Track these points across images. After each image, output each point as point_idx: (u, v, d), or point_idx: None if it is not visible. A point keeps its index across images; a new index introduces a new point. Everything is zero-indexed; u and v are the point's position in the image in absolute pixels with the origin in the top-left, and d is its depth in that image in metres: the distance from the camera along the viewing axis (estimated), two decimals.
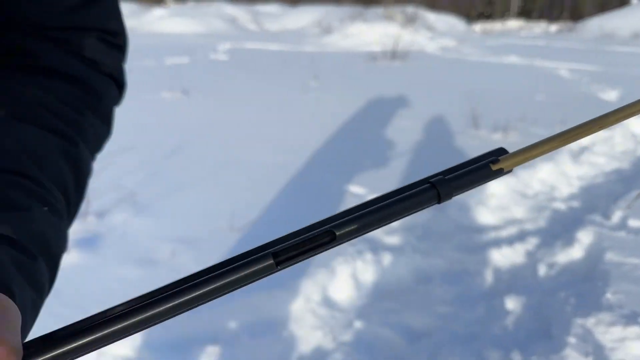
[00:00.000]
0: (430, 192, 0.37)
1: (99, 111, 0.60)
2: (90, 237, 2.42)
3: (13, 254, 0.42)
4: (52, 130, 0.53)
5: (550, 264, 2.50)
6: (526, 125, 4.47)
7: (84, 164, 0.56)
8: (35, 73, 0.55)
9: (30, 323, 0.45)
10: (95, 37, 0.59)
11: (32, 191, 0.47)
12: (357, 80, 6.42)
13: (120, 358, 1.71)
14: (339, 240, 0.36)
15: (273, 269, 0.34)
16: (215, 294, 0.34)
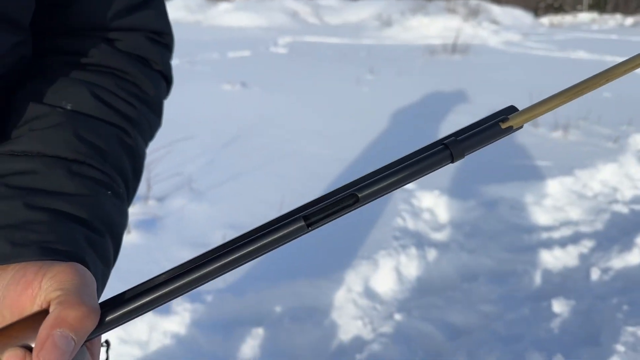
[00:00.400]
0: (443, 152, 0.40)
1: (151, 104, 0.65)
2: (150, 220, 2.58)
3: (86, 233, 0.50)
4: (111, 123, 0.59)
5: (604, 268, 2.41)
6: (588, 124, 4.28)
7: (140, 152, 0.63)
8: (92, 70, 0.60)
9: (100, 290, 0.53)
10: (144, 37, 0.65)
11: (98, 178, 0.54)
12: (414, 74, 6.35)
13: (171, 334, 1.83)
14: (361, 201, 0.39)
15: (305, 230, 0.38)
16: (256, 253, 0.39)
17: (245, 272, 2.20)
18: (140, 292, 0.38)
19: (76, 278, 0.39)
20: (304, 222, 0.38)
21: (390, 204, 2.87)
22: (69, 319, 0.36)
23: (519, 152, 3.77)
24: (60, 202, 0.50)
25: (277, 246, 0.39)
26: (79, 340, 0.36)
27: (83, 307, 0.37)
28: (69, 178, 0.52)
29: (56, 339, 0.35)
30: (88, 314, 0.37)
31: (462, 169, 3.47)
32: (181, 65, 6.31)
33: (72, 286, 0.38)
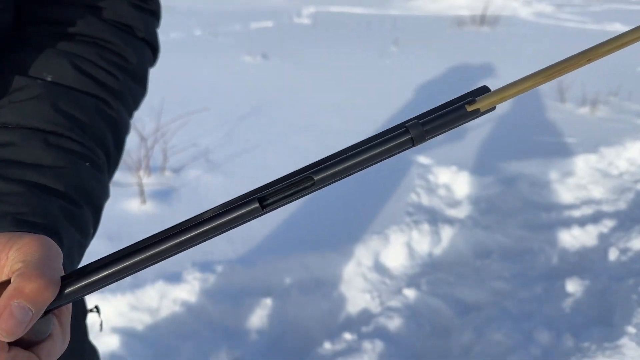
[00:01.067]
0: (404, 136, 0.38)
1: (134, 74, 0.64)
2: (166, 190, 2.62)
3: (61, 204, 0.50)
4: (92, 94, 0.59)
5: (623, 249, 2.35)
6: (619, 99, 4.11)
7: (122, 123, 0.62)
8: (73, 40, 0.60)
9: (77, 259, 0.54)
10: (128, 3, 0.64)
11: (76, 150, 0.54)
12: (440, 47, 6.19)
13: (181, 301, 1.87)
14: (318, 184, 0.38)
15: (259, 211, 0.38)
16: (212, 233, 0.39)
17: (255, 243, 2.22)
18: (101, 266, 0.39)
19: (40, 250, 0.40)
20: (259, 203, 0.38)
21: (405, 179, 2.84)
22: (26, 291, 0.37)
23: (543, 127, 3.66)
24: (36, 174, 0.50)
25: (232, 227, 0.39)
26: (37, 311, 0.37)
27: (41, 280, 0.37)
28: (46, 150, 0.52)
29: (13, 309, 0.36)
30: (46, 286, 0.38)
31: (482, 144, 3.40)
32: (203, 37, 6.30)
33: (35, 258, 0.39)
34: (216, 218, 0.39)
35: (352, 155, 0.38)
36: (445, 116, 0.38)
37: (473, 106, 0.38)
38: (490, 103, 0.38)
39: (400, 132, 0.38)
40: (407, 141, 0.38)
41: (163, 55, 3.61)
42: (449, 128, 0.38)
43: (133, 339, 1.70)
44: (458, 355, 1.82)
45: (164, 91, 3.98)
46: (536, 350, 1.76)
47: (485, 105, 0.38)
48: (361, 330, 1.88)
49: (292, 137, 3.41)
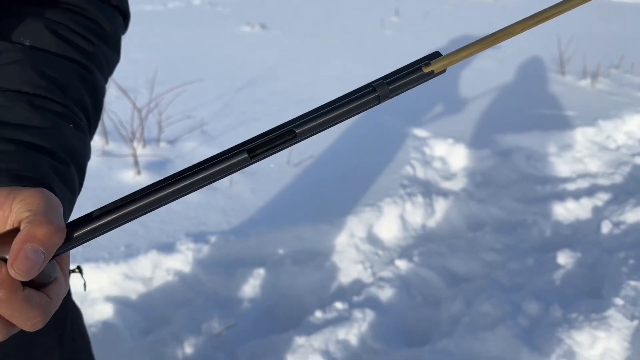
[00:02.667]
0: (372, 94, 0.44)
1: (108, 40, 0.66)
2: (161, 162, 2.62)
3: (51, 162, 0.53)
4: (70, 59, 0.60)
5: (616, 222, 2.35)
6: (620, 72, 4.06)
7: (99, 87, 0.64)
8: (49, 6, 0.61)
9: (67, 215, 0.56)
10: None
11: (59, 112, 0.56)
12: (442, 18, 6.09)
13: (174, 271, 1.90)
14: (299, 136, 0.44)
15: (248, 161, 0.43)
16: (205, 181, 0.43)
17: (248, 215, 2.23)
18: (103, 213, 0.43)
19: (43, 201, 0.43)
20: (248, 154, 0.42)
21: (401, 152, 2.84)
22: (38, 235, 0.40)
23: (542, 100, 3.63)
24: (24, 133, 0.52)
25: (223, 175, 0.43)
26: (48, 254, 0.40)
27: (50, 225, 0.41)
28: (32, 111, 0.54)
29: (27, 252, 0.39)
30: (55, 230, 0.41)
31: (480, 116, 3.38)
32: (202, 6, 6.20)
33: (40, 207, 0.42)
34: (209, 167, 0.43)
35: (328, 111, 0.44)
36: (406, 77, 0.44)
37: (428, 68, 0.44)
38: (441, 65, 0.44)
39: (368, 91, 0.44)
40: (374, 98, 0.44)
41: (161, 25, 3.59)
42: (409, 87, 0.45)
43: (126, 308, 1.73)
44: (447, 325, 1.85)
45: (160, 61, 3.94)
46: (524, 321, 1.79)
47: (438, 67, 0.44)
48: (352, 300, 1.90)
49: (289, 110, 3.39)
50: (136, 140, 2.69)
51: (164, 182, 0.43)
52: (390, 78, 0.44)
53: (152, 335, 1.69)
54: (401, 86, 0.44)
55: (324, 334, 1.72)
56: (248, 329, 1.76)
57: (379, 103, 0.44)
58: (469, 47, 0.44)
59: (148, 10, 5.86)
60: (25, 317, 0.41)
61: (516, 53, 4.51)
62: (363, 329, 1.75)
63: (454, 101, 3.57)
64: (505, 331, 1.72)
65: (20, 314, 0.41)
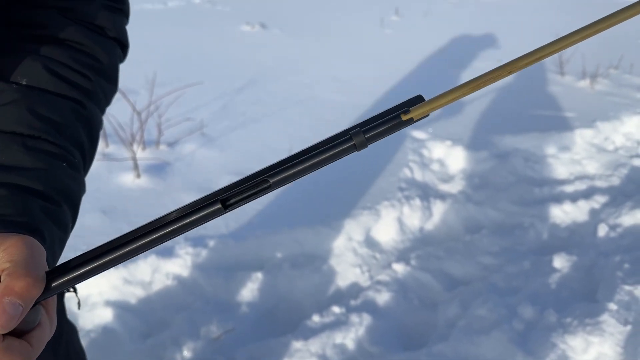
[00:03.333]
0: (348, 142, 0.43)
1: (105, 72, 0.66)
2: (160, 165, 2.64)
3: (42, 204, 0.54)
4: (66, 96, 0.61)
5: (613, 225, 2.37)
6: (620, 72, 4.06)
7: (95, 121, 0.65)
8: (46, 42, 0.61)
9: (58, 253, 0.58)
10: (99, 4, 0.65)
11: (53, 152, 0.57)
12: (442, 17, 6.08)
13: (173, 275, 1.92)
14: (273, 186, 0.43)
15: (222, 211, 0.43)
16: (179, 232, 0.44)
17: (247, 218, 2.25)
18: (83, 262, 0.44)
19: (25, 251, 0.44)
20: (221, 204, 0.43)
21: (399, 154, 2.85)
22: (16, 288, 0.41)
23: (541, 101, 3.63)
24: (17, 176, 0.53)
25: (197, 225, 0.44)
26: (27, 306, 0.42)
27: (28, 278, 0.42)
28: (25, 153, 0.55)
29: (5, 306, 0.40)
30: (33, 283, 0.42)
31: (479, 118, 3.39)
32: (202, 5, 6.20)
33: (20, 259, 0.43)
34: (183, 218, 0.44)
35: (303, 160, 0.43)
36: (383, 125, 0.44)
37: (407, 115, 0.43)
38: (422, 112, 0.43)
39: (345, 139, 0.43)
40: (351, 147, 0.43)
41: (161, 24, 3.60)
42: (387, 134, 0.44)
43: (126, 312, 1.75)
44: (443, 328, 1.87)
45: (160, 62, 3.95)
46: (519, 325, 1.80)
47: (418, 115, 0.43)
48: (350, 304, 1.92)
49: (289, 111, 3.41)
50: (136, 143, 2.71)
51: (139, 232, 0.44)
52: (368, 126, 0.43)
53: (151, 339, 1.71)
54: (378, 134, 0.43)
55: (321, 338, 1.74)
56: (246, 333, 1.78)
57: (356, 151, 0.44)
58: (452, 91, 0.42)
59: (148, 9, 5.86)
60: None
61: (515, 53, 4.51)
62: (360, 333, 1.77)
63: (453, 103, 3.58)
64: (501, 335, 1.73)
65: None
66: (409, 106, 0.44)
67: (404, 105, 0.44)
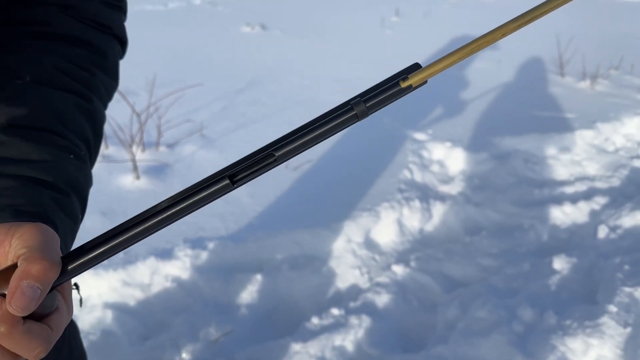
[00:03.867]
0: (350, 112, 0.43)
1: (106, 68, 0.68)
2: (159, 166, 2.64)
3: (52, 195, 0.55)
4: (70, 90, 0.62)
5: (613, 226, 2.36)
6: (620, 73, 4.05)
7: (99, 115, 0.67)
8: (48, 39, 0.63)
9: (70, 243, 0.59)
10: (98, 1, 0.66)
11: (60, 144, 0.59)
12: (442, 17, 6.08)
13: (172, 277, 1.92)
14: (279, 159, 0.44)
15: (230, 187, 0.44)
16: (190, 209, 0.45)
17: (246, 220, 2.25)
18: (96, 244, 0.45)
19: (39, 236, 0.45)
20: (229, 180, 0.44)
21: (399, 155, 2.85)
22: (34, 272, 0.42)
23: (541, 102, 3.63)
24: (27, 168, 0.55)
25: (207, 202, 0.45)
26: (44, 288, 0.43)
27: (45, 262, 0.43)
28: (33, 146, 0.56)
29: (24, 289, 0.42)
30: (50, 266, 0.43)
31: (479, 119, 3.38)
32: (202, 6, 6.20)
33: (36, 244, 0.44)
34: (193, 195, 0.44)
35: (307, 132, 0.44)
36: (383, 93, 0.43)
37: (406, 82, 0.43)
38: (420, 79, 0.43)
39: (346, 110, 0.43)
40: (352, 117, 0.43)
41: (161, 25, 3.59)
42: (387, 103, 0.44)
43: (125, 314, 1.75)
44: (443, 330, 1.86)
45: (160, 63, 3.95)
46: (519, 326, 1.80)
47: (417, 81, 0.43)
48: (349, 305, 1.92)
49: (289, 111, 3.41)
50: (135, 145, 2.71)
51: (151, 211, 0.45)
52: (368, 95, 0.43)
53: (150, 342, 1.71)
54: (379, 102, 0.43)
55: (321, 340, 1.74)
56: (245, 335, 1.78)
57: (358, 121, 0.44)
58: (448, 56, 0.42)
59: (149, 10, 5.87)
60: (27, 348, 0.43)
61: (515, 54, 4.51)
62: (359, 335, 1.77)
63: (452, 103, 3.58)
64: (500, 337, 1.73)
65: (22, 346, 0.43)
66: (407, 73, 0.43)
67: (402, 73, 0.44)
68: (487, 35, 0.42)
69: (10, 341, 0.42)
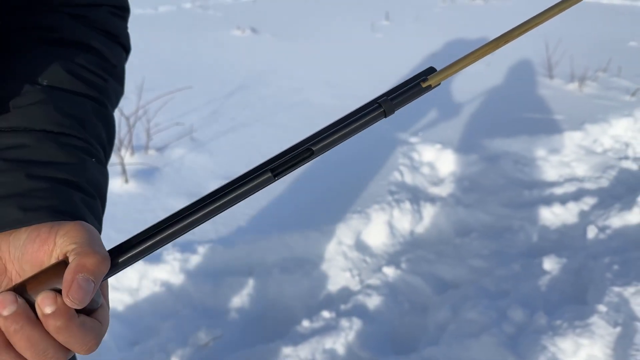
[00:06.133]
0: (378, 110, 0.49)
1: (115, 75, 0.71)
2: (149, 170, 2.62)
3: (81, 196, 0.57)
4: (86, 95, 0.64)
5: (602, 227, 2.38)
6: (608, 75, 4.09)
7: (111, 120, 0.69)
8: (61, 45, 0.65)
9: None
10: (107, 12, 0.69)
11: (82, 147, 0.61)
12: (432, 20, 6.12)
13: (161, 282, 1.90)
14: (316, 153, 0.48)
15: (272, 180, 0.48)
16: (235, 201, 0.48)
17: (236, 223, 2.24)
18: (143, 239, 0.47)
19: (85, 233, 0.47)
20: (271, 173, 0.47)
21: (390, 158, 2.85)
22: (88, 265, 0.44)
23: (530, 104, 3.65)
24: (55, 170, 0.56)
25: (250, 194, 0.48)
26: (98, 282, 0.44)
27: (97, 255, 0.45)
28: (59, 149, 0.58)
29: (80, 281, 0.43)
30: (102, 260, 0.45)
31: (469, 121, 3.40)
32: (193, 10, 6.19)
33: (84, 239, 0.46)
34: (238, 188, 0.48)
35: (340, 128, 0.49)
36: (407, 92, 0.50)
37: (426, 83, 0.49)
38: (438, 79, 0.49)
39: (374, 107, 0.49)
40: (380, 114, 0.49)
41: (151, 29, 3.59)
42: (410, 100, 0.50)
43: (113, 319, 1.73)
44: (434, 332, 1.86)
45: (150, 67, 3.93)
46: (509, 328, 1.80)
47: (435, 82, 0.49)
48: (340, 308, 1.91)
49: (279, 115, 3.40)
50: (124, 148, 2.69)
51: (197, 205, 0.47)
52: (393, 94, 0.49)
53: (138, 347, 1.69)
54: (403, 101, 0.49)
55: (311, 343, 1.72)
56: (235, 340, 1.77)
57: (385, 117, 0.49)
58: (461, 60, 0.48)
59: (138, 13, 5.84)
60: (81, 342, 0.44)
61: (505, 56, 4.53)
62: (350, 337, 1.76)
63: (442, 105, 3.59)
64: (490, 339, 1.73)
65: (77, 340, 0.44)
66: (426, 75, 0.49)
67: (421, 75, 0.50)
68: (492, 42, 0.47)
69: (67, 334, 0.43)
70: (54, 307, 0.43)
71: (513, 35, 0.47)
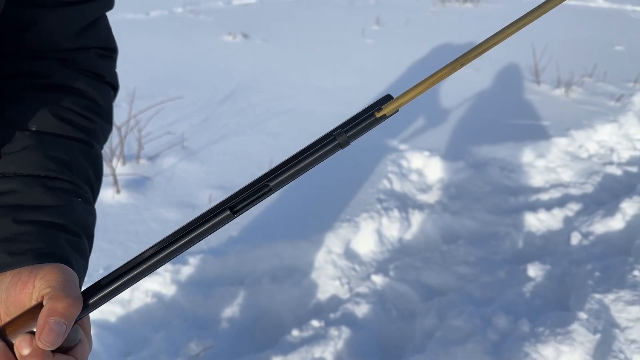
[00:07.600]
0: (333, 142, 0.49)
1: (103, 114, 0.73)
2: (140, 180, 2.64)
3: (66, 237, 0.60)
4: (73, 138, 0.67)
5: (586, 233, 2.43)
6: (594, 80, 4.16)
7: (98, 159, 0.72)
8: (49, 90, 0.68)
9: (82, 279, 0.64)
10: (95, 54, 0.72)
11: (69, 189, 0.64)
12: (422, 25, 6.17)
13: (153, 293, 1.93)
14: (274, 189, 0.50)
15: (231, 217, 0.49)
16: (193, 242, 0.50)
17: (227, 234, 2.27)
18: (112, 279, 0.51)
19: (61, 276, 0.50)
20: (230, 211, 0.49)
21: (379, 165, 2.89)
22: (59, 309, 0.47)
23: (517, 110, 3.70)
24: (42, 214, 0.59)
25: (211, 232, 0.50)
26: (69, 323, 0.48)
27: (68, 299, 0.48)
28: (46, 193, 0.61)
29: (51, 325, 0.47)
30: (73, 303, 0.48)
31: (457, 128, 3.44)
32: (184, 15, 6.21)
33: (58, 283, 0.49)
34: (197, 228, 0.50)
35: (296, 163, 0.50)
36: (361, 123, 0.50)
37: (380, 112, 0.49)
38: (393, 108, 0.49)
39: (330, 140, 0.50)
40: (336, 146, 0.50)
41: (142, 34, 3.60)
42: (365, 131, 0.50)
43: (105, 331, 1.76)
44: (420, 339, 1.90)
45: (141, 73, 3.95)
46: (493, 335, 1.84)
47: (390, 111, 0.49)
48: (329, 317, 1.95)
49: (271, 122, 3.43)
50: (115, 158, 2.71)
51: (159, 245, 0.50)
52: (347, 126, 0.49)
53: (130, 358, 1.72)
54: (358, 132, 0.49)
55: (301, 352, 1.76)
56: (226, 350, 1.80)
57: (341, 149, 0.50)
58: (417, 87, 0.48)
59: (130, 18, 5.86)
60: None
61: (493, 61, 4.59)
62: (339, 346, 1.80)
63: (430, 112, 3.64)
64: (475, 346, 1.77)
65: None
66: (381, 105, 0.49)
67: (376, 105, 0.49)
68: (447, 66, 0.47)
69: None
70: (30, 349, 0.47)
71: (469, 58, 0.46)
